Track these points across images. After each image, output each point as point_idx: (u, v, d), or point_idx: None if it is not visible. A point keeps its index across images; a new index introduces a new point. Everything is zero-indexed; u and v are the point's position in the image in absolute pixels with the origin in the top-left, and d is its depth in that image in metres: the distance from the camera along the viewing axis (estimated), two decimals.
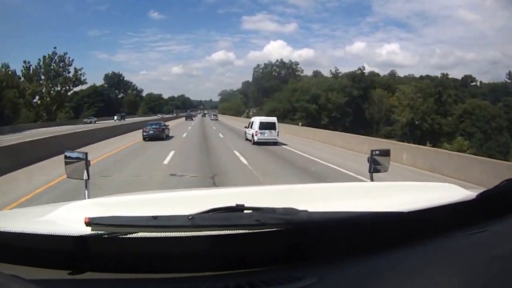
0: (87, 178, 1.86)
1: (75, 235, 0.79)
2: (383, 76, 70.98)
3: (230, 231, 0.81)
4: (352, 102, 58.98)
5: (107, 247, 0.84)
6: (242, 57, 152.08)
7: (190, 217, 0.80)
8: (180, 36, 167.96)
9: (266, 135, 17.79)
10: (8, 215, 1.55)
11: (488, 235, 0.93)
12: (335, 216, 0.88)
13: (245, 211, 0.88)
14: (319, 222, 0.86)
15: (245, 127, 21.05)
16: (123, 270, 0.81)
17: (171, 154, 13.15)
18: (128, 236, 0.80)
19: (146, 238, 0.80)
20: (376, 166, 2.18)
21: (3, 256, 0.83)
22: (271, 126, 18.04)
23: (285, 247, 0.87)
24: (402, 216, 0.93)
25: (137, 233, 0.79)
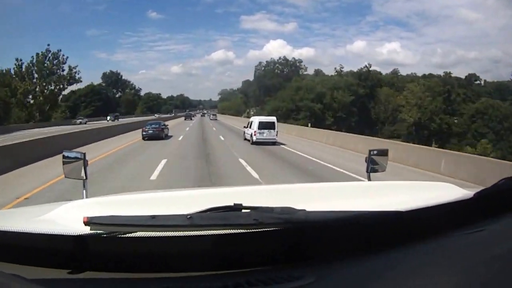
0: (85, 177, 1.87)
1: (74, 234, 0.79)
2: (386, 75, 68.93)
3: (228, 230, 0.80)
4: (357, 101, 56.66)
5: (106, 247, 0.84)
6: (241, 56, 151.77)
7: (188, 217, 0.79)
8: (179, 35, 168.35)
9: (265, 134, 17.44)
10: (6, 214, 1.54)
11: (486, 234, 0.92)
12: (332, 215, 0.88)
13: (243, 210, 0.88)
14: (317, 221, 0.86)
15: (244, 126, 20.70)
16: (122, 270, 0.81)
17: (162, 164, 10.79)
18: (126, 235, 0.80)
19: (144, 237, 0.80)
20: (373, 166, 2.15)
21: (3, 256, 0.82)
22: (270, 126, 17.69)
23: (283, 247, 0.87)
24: (399, 215, 0.93)
25: (136, 232, 0.79)
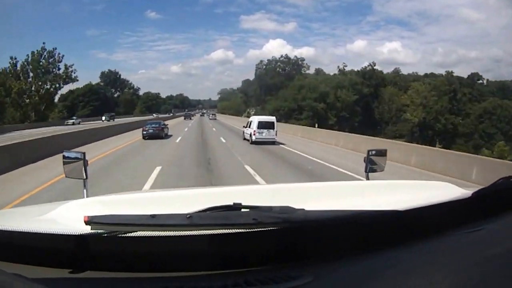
0: (85, 177, 1.88)
1: (75, 234, 0.79)
2: (387, 74, 67.22)
3: (227, 230, 0.80)
4: (360, 101, 55.09)
5: (106, 246, 0.84)
6: (241, 56, 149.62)
7: (188, 216, 0.79)
8: (178, 35, 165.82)
9: (264, 134, 17.54)
10: (7, 214, 1.55)
11: (485, 233, 0.91)
12: (331, 215, 0.87)
13: (242, 209, 0.88)
14: (316, 220, 0.86)
15: (244, 126, 20.72)
16: (122, 269, 0.81)
17: (155, 173, 8.97)
18: (127, 235, 0.80)
19: (144, 237, 0.80)
20: (372, 166, 2.16)
21: (5, 255, 0.82)
22: (269, 126, 17.78)
23: (282, 246, 0.87)
24: (398, 214, 0.92)
25: (136, 232, 0.79)
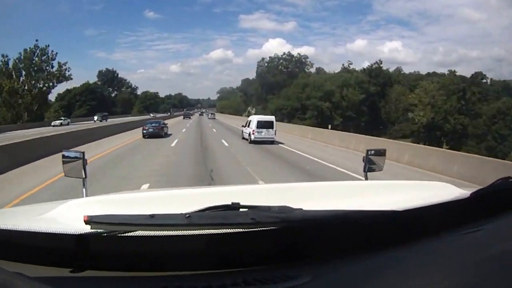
0: (84, 176, 1.89)
1: (75, 233, 0.79)
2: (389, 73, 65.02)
3: (226, 229, 0.81)
4: (366, 100, 52.77)
5: (106, 245, 0.84)
6: (240, 55, 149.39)
7: (187, 216, 0.79)
8: (177, 34, 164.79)
9: (263, 134, 17.75)
10: (7, 213, 1.55)
11: (483, 234, 0.91)
12: (329, 214, 0.87)
13: (241, 209, 0.88)
14: (314, 220, 0.86)
15: (243, 126, 20.69)
16: (122, 268, 0.81)
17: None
18: (126, 234, 0.80)
19: (144, 236, 0.80)
20: (371, 166, 2.16)
21: (5, 254, 0.82)
22: (268, 125, 17.96)
23: (281, 246, 0.87)
24: (396, 214, 0.92)
25: (135, 231, 0.79)
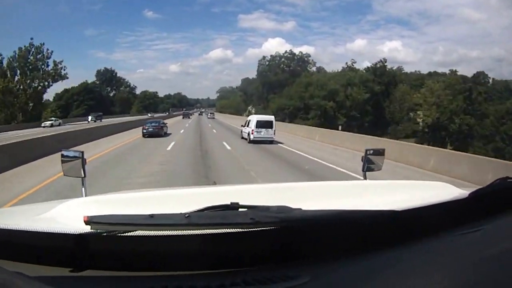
0: (83, 176, 1.89)
1: (74, 233, 0.79)
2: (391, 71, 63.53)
3: (225, 229, 0.81)
4: (370, 100, 51.27)
5: (106, 245, 0.84)
6: (240, 55, 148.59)
7: (186, 216, 0.80)
8: (176, 34, 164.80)
9: (262, 133, 17.80)
10: (6, 213, 1.55)
11: (481, 234, 0.91)
12: (328, 214, 0.87)
13: (240, 209, 0.88)
14: (313, 220, 0.86)
15: (242, 125, 20.71)
16: (121, 268, 0.81)
17: None
18: (126, 234, 0.80)
19: (143, 236, 0.80)
20: (369, 165, 2.15)
21: (5, 254, 0.82)
22: (268, 125, 18.01)
23: (280, 245, 0.86)
24: (395, 214, 0.92)
25: (135, 231, 0.79)
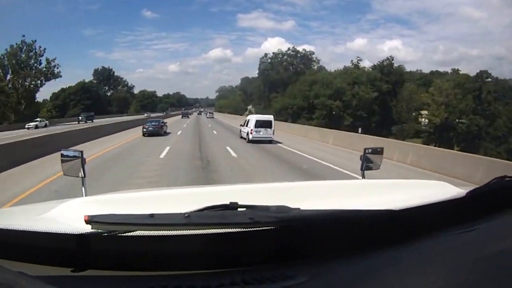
0: (83, 175, 1.88)
1: (75, 233, 0.80)
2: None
3: (224, 229, 0.81)
4: (377, 99, 49.17)
5: (106, 245, 0.85)
6: (239, 54, 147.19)
7: (186, 215, 0.80)
8: (175, 34, 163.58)
9: (261, 133, 17.84)
10: (6, 213, 1.56)
11: (478, 233, 0.91)
12: (327, 214, 0.88)
13: (239, 209, 0.88)
14: (312, 220, 0.86)
15: (241, 125, 20.82)
16: (122, 268, 0.82)
17: None
18: (126, 234, 0.80)
19: (143, 236, 0.81)
20: (368, 164, 2.14)
21: (6, 253, 0.82)
22: (267, 125, 18.04)
23: (279, 245, 0.87)
24: (393, 214, 0.92)
25: (135, 231, 0.80)
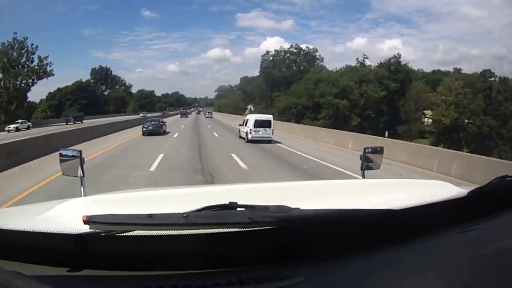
0: (82, 175, 1.87)
1: (73, 233, 0.80)
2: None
3: (223, 229, 0.81)
4: (385, 98, 47.03)
5: (104, 245, 0.84)
6: (239, 54, 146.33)
7: (184, 215, 0.80)
8: (175, 34, 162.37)
9: (260, 133, 17.87)
10: (4, 213, 1.55)
11: (479, 233, 0.91)
12: (326, 214, 0.87)
13: (238, 208, 0.88)
14: (311, 220, 0.86)
15: (240, 124, 20.84)
16: (119, 267, 0.81)
17: None
18: (124, 234, 0.80)
19: (142, 236, 0.80)
20: (368, 164, 2.13)
21: (3, 253, 0.82)
22: (266, 124, 18.06)
23: (278, 245, 0.86)
24: (393, 213, 0.92)
25: (133, 231, 0.80)
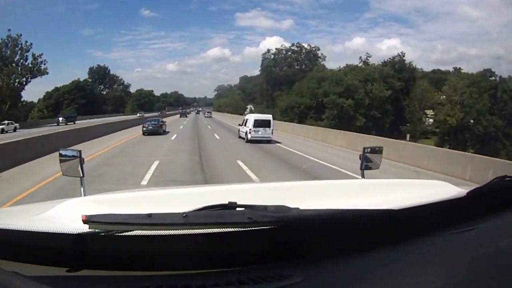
0: (82, 175, 1.88)
1: (72, 232, 0.80)
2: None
3: (222, 229, 0.81)
4: (389, 97, 45.80)
5: (103, 245, 0.84)
6: (238, 53, 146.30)
7: (184, 215, 0.80)
8: (174, 33, 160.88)
9: (260, 133, 17.90)
10: (3, 213, 1.55)
11: (478, 233, 0.91)
12: (326, 214, 0.87)
13: (237, 208, 0.88)
14: (310, 220, 0.86)
15: (239, 124, 20.91)
16: (118, 268, 0.81)
17: None
18: (123, 233, 0.80)
19: (141, 235, 0.80)
20: (367, 164, 2.13)
21: (2, 253, 0.82)
22: (266, 124, 18.08)
23: (277, 245, 0.87)
24: (392, 213, 0.92)
25: (133, 231, 0.80)
